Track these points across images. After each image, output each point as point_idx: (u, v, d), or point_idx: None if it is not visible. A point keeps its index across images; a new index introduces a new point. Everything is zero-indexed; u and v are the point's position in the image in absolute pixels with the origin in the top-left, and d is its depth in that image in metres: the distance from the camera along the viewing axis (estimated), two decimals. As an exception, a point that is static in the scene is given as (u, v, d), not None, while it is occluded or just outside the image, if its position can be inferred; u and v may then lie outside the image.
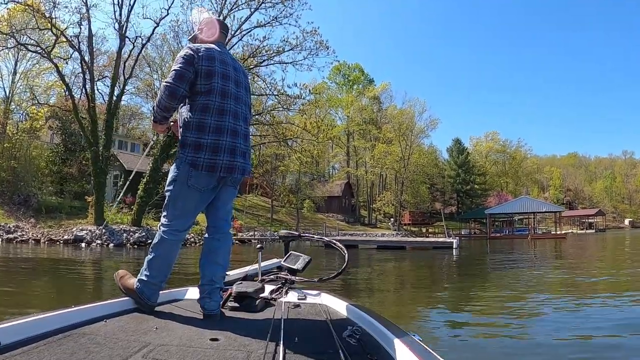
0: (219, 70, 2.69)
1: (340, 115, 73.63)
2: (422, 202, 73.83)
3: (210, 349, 1.85)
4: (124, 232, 24.41)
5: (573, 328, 5.68)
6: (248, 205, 49.66)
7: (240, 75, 2.87)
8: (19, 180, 29.90)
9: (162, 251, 2.67)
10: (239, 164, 2.71)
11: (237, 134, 2.73)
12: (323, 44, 26.52)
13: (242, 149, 2.75)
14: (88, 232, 23.86)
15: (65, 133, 35.38)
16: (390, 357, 1.83)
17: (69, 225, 25.77)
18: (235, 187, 2.87)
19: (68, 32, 24.34)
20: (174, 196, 2.67)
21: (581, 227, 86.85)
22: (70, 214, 28.55)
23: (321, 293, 3.13)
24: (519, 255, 23.51)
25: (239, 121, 2.76)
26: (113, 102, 26.22)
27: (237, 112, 2.75)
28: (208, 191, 2.69)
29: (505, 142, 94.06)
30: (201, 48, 2.69)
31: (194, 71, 2.62)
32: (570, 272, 14.07)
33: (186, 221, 2.73)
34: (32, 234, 24.63)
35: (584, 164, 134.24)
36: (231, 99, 2.72)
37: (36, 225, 26.21)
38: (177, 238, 2.70)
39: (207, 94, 2.64)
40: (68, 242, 23.25)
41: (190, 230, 2.96)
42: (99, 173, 25.08)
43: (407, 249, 27.33)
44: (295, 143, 33.85)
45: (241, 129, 2.77)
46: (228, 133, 2.67)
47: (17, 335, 1.77)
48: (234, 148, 2.68)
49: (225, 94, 2.69)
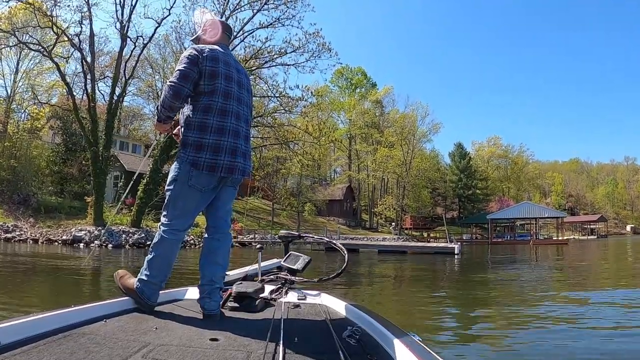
0: (223, 71, 2.71)
1: (343, 118, 73.42)
2: (424, 206, 73.54)
3: (210, 349, 1.85)
4: (123, 233, 24.22)
5: (575, 337, 5.51)
6: (249, 207, 49.34)
7: (242, 77, 2.89)
8: (18, 180, 29.79)
9: (162, 250, 2.67)
10: (240, 165, 2.73)
11: (239, 135, 2.75)
12: (326, 46, 26.41)
13: (243, 149, 2.77)
14: (87, 232, 23.72)
15: (66, 133, 35.35)
16: (390, 357, 1.83)
17: (68, 225, 25.68)
18: (235, 187, 2.88)
19: (69, 31, 24.28)
20: (175, 196, 2.69)
21: (583, 233, 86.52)
22: (70, 214, 28.48)
23: (321, 293, 3.14)
24: (522, 262, 23.12)
25: (241, 122, 2.78)
26: (114, 102, 26.10)
27: (239, 114, 2.77)
28: (208, 191, 2.70)
29: (508, 147, 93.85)
30: (205, 49, 2.72)
31: (198, 71, 2.64)
32: (575, 280, 13.86)
33: (186, 221, 2.74)
34: (30, 234, 24.54)
35: (585, 169, 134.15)
36: (234, 100, 2.74)
37: (35, 225, 26.12)
38: (177, 237, 2.71)
39: (210, 94, 2.66)
40: (66, 243, 23.12)
41: (190, 230, 3.05)
42: (98, 173, 24.99)
43: (408, 253, 27.04)
44: (297, 146, 33.60)
45: (243, 130, 2.79)
46: (230, 134, 2.69)
47: (17, 335, 1.77)
48: (235, 149, 2.70)
49: (228, 95, 2.71)
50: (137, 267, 3.32)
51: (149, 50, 49.05)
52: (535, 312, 7.28)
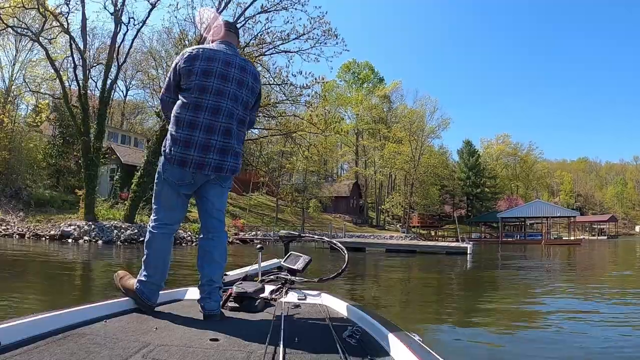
0: (201, 67, 2.70)
1: (350, 114, 72.17)
2: (432, 204, 72.28)
3: (210, 349, 1.84)
4: (115, 229, 22.98)
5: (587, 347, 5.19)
6: (253, 204, 48.63)
7: (232, 70, 2.78)
8: (11, 173, 28.85)
9: (153, 246, 2.67)
10: (213, 161, 2.63)
11: (214, 130, 2.66)
12: (331, 32, 24.88)
13: (221, 145, 2.66)
14: (76, 227, 22.56)
15: (62, 125, 34.19)
16: (390, 357, 1.80)
17: (59, 220, 24.59)
18: (222, 185, 2.78)
19: (60, 15, 22.84)
20: (157, 189, 2.74)
21: (592, 233, 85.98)
22: (63, 209, 27.47)
23: (321, 293, 3.15)
24: (537, 262, 22.02)
25: (220, 117, 2.68)
26: (106, 89, 24.81)
27: (218, 108, 2.68)
28: (185, 186, 2.69)
29: (517, 145, 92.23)
30: (191, 50, 2.77)
31: (177, 74, 2.74)
32: (600, 285, 12.40)
33: (172, 214, 2.73)
34: (17, 228, 23.42)
35: (594, 169, 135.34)
36: (211, 94, 2.68)
37: (24, 219, 24.97)
38: (166, 231, 2.71)
39: (187, 91, 2.69)
40: (54, 238, 22.04)
41: (179, 225, 2.89)
42: (89, 165, 23.73)
43: (417, 253, 25.61)
44: (302, 138, 32.23)
45: (221, 126, 2.68)
46: (202, 129, 2.63)
47: (17, 335, 1.75)
48: (208, 144, 2.63)
49: (204, 89, 2.67)
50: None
51: (151, 42, 48.55)
52: (553, 323, 6.49)
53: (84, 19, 23.74)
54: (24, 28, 23.59)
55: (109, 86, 25.09)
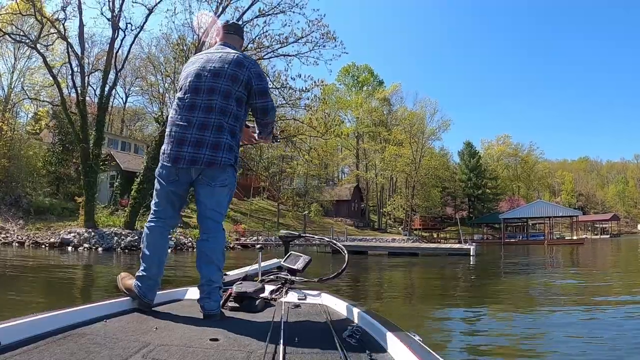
0: (185, 73, 2.82)
1: (350, 117, 72.15)
2: (434, 206, 72.11)
3: (210, 349, 1.84)
4: (115, 235, 22.80)
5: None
6: (254, 208, 48.48)
7: (209, 65, 2.75)
8: (11, 181, 28.74)
9: (147, 239, 2.70)
10: (187, 155, 2.63)
11: (190, 125, 2.67)
12: (330, 35, 24.77)
13: (196, 138, 2.65)
14: (76, 234, 22.39)
15: (62, 132, 34.10)
16: (390, 357, 1.80)
17: (58, 227, 24.46)
18: (209, 184, 2.70)
19: (57, 23, 22.75)
20: (155, 186, 2.79)
21: (595, 232, 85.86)
22: (63, 216, 27.30)
23: (321, 293, 3.15)
24: (541, 262, 21.90)
25: (196, 112, 2.68)
26: (105, 96, 24.69)
27: (194, 104, 2.70)
28: (172, 183, 2.71)
29: (517, 146, 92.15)
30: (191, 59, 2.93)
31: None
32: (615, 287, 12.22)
33: (167, 210, 2.75)
34: (17, 236, 23.29)
35: (595, 168, 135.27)
36: (189, 92, 2.72)
37: (24, 227, 24.86)
38: (161, 225, 2.73)
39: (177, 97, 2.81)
40: (54, 246, 21.88)
41: (175, 222, 2.92)
42: (88, 172, 23.60)
43: (420, 255, 25.41)
44: (303, 141, 32.12)
45: (197, 120, 2.67)
46: (179, 125, 2.68)
47: (17, 335, 1.76)
48: (183, 138, 2.65)
49: (183, 90, 2.75)
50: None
51: (150, 49, 48.46)
52: (557, 328, 6.15)
53: (81, 25, 23.64)
54: (21, 35, 23.53)
55: (107, 92, 24.94)
